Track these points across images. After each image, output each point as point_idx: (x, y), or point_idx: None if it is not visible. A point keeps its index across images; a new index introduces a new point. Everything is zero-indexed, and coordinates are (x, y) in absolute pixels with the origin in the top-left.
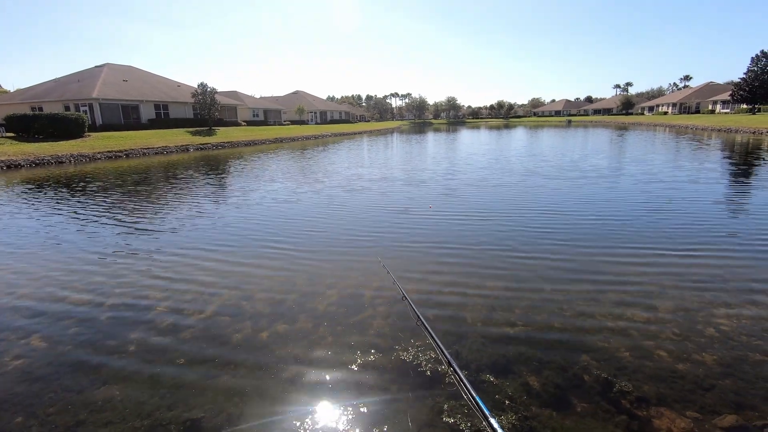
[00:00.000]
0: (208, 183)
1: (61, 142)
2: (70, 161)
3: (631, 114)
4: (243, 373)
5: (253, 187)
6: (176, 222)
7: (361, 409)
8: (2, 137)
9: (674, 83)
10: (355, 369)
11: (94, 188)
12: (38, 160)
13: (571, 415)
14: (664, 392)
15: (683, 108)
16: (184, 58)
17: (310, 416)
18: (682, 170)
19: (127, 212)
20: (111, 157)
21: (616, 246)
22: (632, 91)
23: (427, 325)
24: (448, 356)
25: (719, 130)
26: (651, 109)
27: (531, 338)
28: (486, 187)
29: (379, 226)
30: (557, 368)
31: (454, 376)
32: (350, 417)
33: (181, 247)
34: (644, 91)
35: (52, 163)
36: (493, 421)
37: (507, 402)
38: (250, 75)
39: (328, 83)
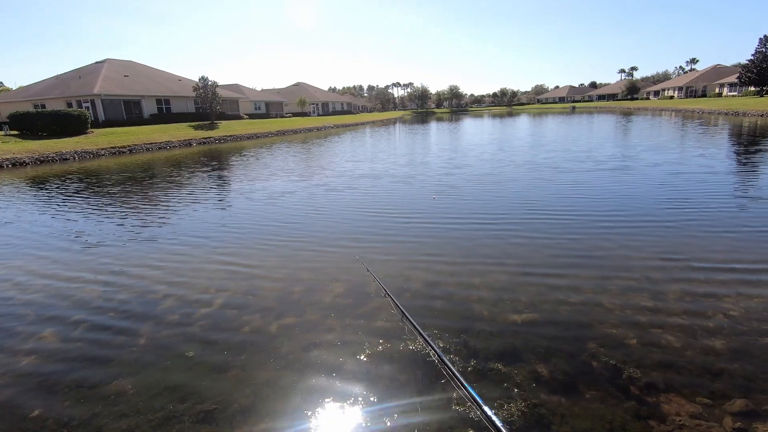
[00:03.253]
0: (212, 177)
1: (65, 139)
2: (74, 158)
3: (637, 99)
4: (253, 365)
5: (257, 180)
6: (182, 216)
7: (372, 399)
8: (6, 135)
9: (680, 67)
10: (364, 360)
11: (99, 184)
12: (42, 157)
13: (580, 401)
14: (673, 378)
15: (690, 92)
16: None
17: (320, 407)
18: (685, 153)
19: (133, 207)
20: (115, 153)
21: (622, 232)
22: (637, 75)
23: (412, 321)
24: (438, 350)
25: (727, 114)
26: (657, 93)
27: (538, 326)
28: (491, 175)
29: (382, 218)
30: (565, 356)
31: (444, 369)
32: (360, 407)
33: (187, 242)
34: (650, 75)
35: (56, 160)
36: (487, 409)
37: (516, 390)
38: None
39: (330, 74)
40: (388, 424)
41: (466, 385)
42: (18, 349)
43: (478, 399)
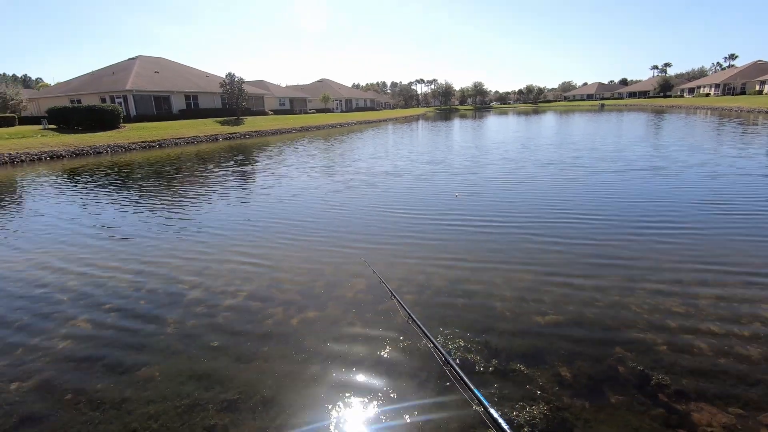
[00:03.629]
0: (237, 173)
1: (99, 133)
2: (107, 151)
3: (670, 96)
4: (276, 357)
5: (280, 176)
6: (208, 210)
7: (390, 395)
8: (45, 129)
9: (718, 63)
10: (384, 355)
11: (131, 177)
12: (78, 150)
13: (605, 407)
14: (705, 387)
15: (727, 89)
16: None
17: (340, 402)
18: (718, 154)
19: (162, 200)
20: (145, 147)
21: (652, 234)
22: (671, 72)
23: (419, 323)
24: (444, 353)
25: (767, 112)
26: (691, 91)
27: (562, 329)
28: (514, 174)
29: (403, 217)
30: (590, 359)
31: (450, 370)
32: (378, 404)
33: (213, 235)
34: (684, 72)
35: (90, 154)
36: (492, 411)
37: (538, 392)
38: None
39: (353, 71)
40: (408, 419)
41: (472, 387)
42: (54, 333)
43: (484, 401)
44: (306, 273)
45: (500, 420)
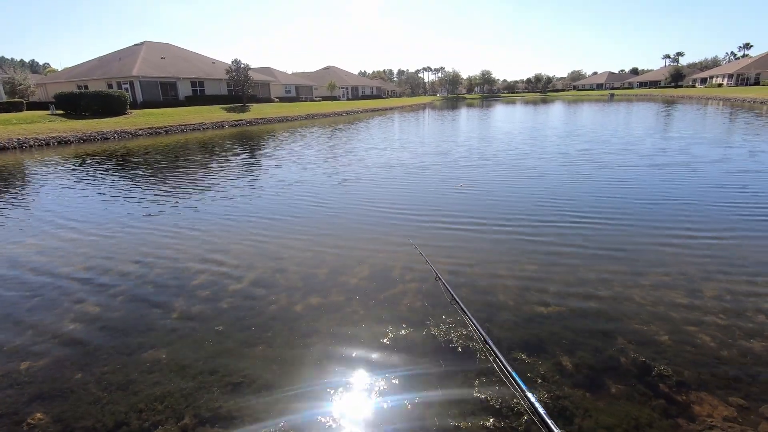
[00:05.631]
0: (243, 159)
1: (106, 119)
2: (113, 137)
3: (681, 86)
4: (279, 342)
5: (285, 163)
6: (213, 197)
7: (393, 381)
8: (53, 114)
9: (732, 52)
10: (387, 342)
11: (138, 163)
12: (85, 136)
13: (605, 396)
14: (706, 378)
15: (740, 79)
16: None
17: (343, 386)
18: (727, 146)
19: (168, 186)
20: (151, 134)
21: (657, 226)
22: (683, 61)
23: (461, 304)
24: (484, 334)
25: None
26: (704, 81)
27: (565, 318)
28: (522, 165)
29: (409, 205)
30: (592, 349)
31: (488, 352)
32: (382, 388)
33: (217, 221)
34: (697, 61)
35: (98, 139)
36: (530, 395)
37: (539, 380)
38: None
39: (360, 58)
40: (408, 405)
41: (510, 370)
42: (64, 316)
43: (522, 385)
44: (310, 260)
45: (537, 405)
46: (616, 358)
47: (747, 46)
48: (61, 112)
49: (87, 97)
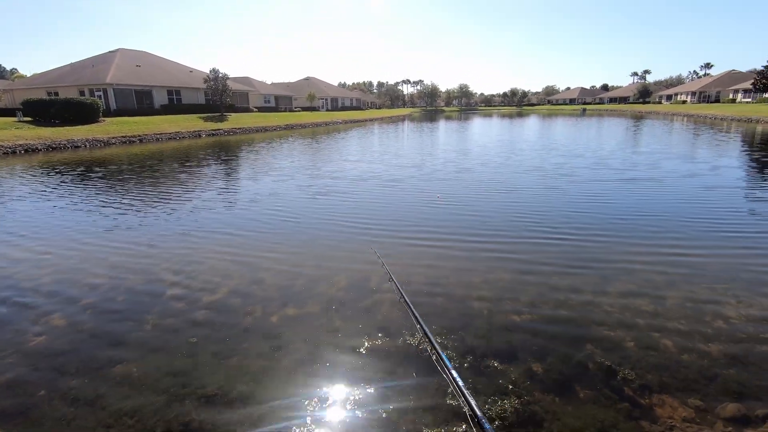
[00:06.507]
0: (219, 169)
1: (77, 127)
2: (85, 146)
3: (649, 102)
4: (255, 353)
5: (261, 174)
6: (190, 206)
7: (369, 391)
8: (20, 122)
9: (694, 71)
10: (363, 352)
11: (109, 173)
12: (54, 144)
13: (574, 401)
14: (668, 381)
15: (703, 97)
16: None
17: (318, 397)
18: (695, 162)
19: (141, 196)
20: (125, 142)
21: (625, 236)
22: (650, 79)
23: (411, 306)
24: (426, 330)
25: (740, 120)
26: (669, 97)
27: (537, 326)
28: (495, 176)
29: (385, 217)
30: (561, 356)
31: (428, 346)
32: (358, 398)
33: (192, 231)
34: (663, 79)
35: (67, 148)
36: (456, 376)
37: (510, 387)
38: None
39: (340, 70)
40: (384, 416)
41: (449, 365)
42: (28, 330)
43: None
44: (287, 271)
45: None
46: (584, 363)
47: (708, 65)
48: (29, 119)
49: (57, 104)
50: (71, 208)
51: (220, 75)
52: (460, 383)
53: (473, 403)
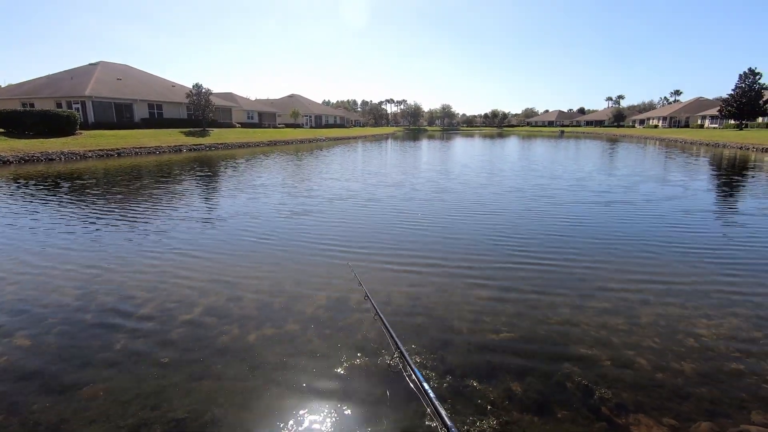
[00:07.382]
0: (198, 185)
1: (52, 140)
2: (60, 159)
3: (623, 126)
4: (229, 375)
5: (241, 191)
6: (163, 223)
7: (347, 413)
8: None
9: (665, 97)
10: (342, 372)
11: (82, 187)
12: (28, 156)
13: (552, 420)
14: (643, 400)
15: (673, 122)
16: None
17: (294, 419)
18: (669, 185)
19: (113, 212)
20: (102, 156)
21: (601, 256)
22: (624, 103)
23: (385, 322)
24: (401, 347)
25: (707, 144)
26: (642, 122)
27: (516, 345)
28: (473, 196)
29: (366, 235)
30: (540, 375)
31: (401, 361)
32: (335, 420)
33: (167, 249)
34: (636, 104)
35: (41, 160)
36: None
37: (489, 407)
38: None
39: (324, 88)
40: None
41: (422, 379)
42: None
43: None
44: (265, 289)
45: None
46: (562, 382)
47: (677, 92)
48: (2, 130)
49: (32, 116)
50: (41, 223)
51: (203, 90)
52: (434, 397)
53: (446, 418)
